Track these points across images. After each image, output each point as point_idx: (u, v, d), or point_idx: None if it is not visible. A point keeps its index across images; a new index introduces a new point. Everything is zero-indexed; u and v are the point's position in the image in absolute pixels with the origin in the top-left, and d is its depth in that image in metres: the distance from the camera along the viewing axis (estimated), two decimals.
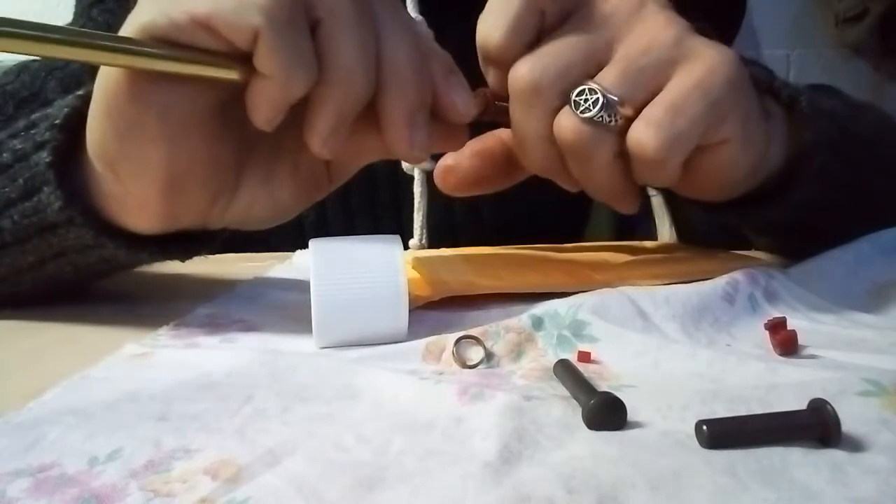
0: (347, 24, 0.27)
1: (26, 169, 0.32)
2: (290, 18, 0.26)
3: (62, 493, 0.18)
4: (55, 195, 0.31)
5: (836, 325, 0.32)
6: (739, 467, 0.19)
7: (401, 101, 0.29)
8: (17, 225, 0.33)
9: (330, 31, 0.27)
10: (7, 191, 0.33)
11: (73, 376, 0.26)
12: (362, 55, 0.28)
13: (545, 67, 0.31)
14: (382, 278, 0.29)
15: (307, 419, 0.23)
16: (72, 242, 0.33)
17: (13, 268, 0.36)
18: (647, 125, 0.30)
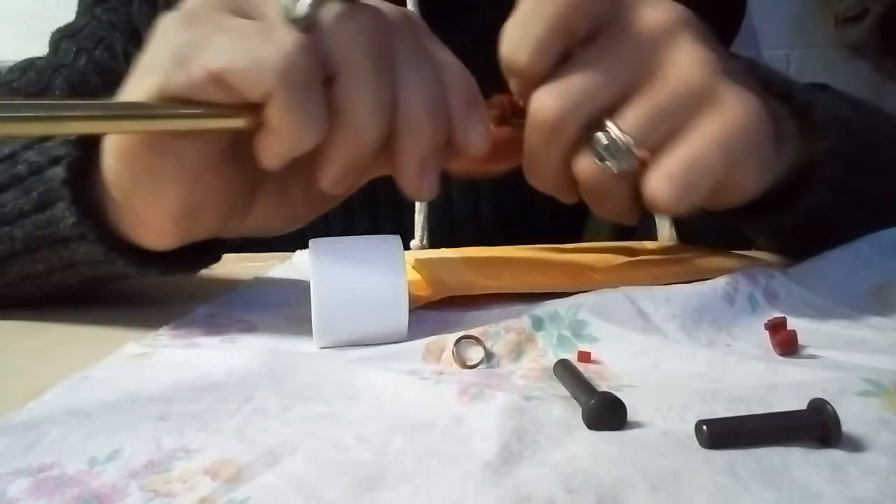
0: (363, 80, 0.27)
1: (41, 182, 0.33)
2: (304, 80, 0.26)
3: (62, 493, 0.18)
4: (69, 211, 0.31)
5: (836, 325, 0.32)
6: (739, 467, 0.19)
7: (414, 146, 0.29)
8: (29, 235, 0.34)
9: (345, 87, 0.27)
10: (21, 202, 0.33)
11: (73, 376, 0.26)
12: (376, 111, 0.27)
13: (569, 103, 0.30)
14: (382, 278, 0.29)
15: (307, 419, 0.23)
16: (82, 256, 0.33)
17: (21, 275, 0.36)
18: (662, 178, 0.30)
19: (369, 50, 0.27)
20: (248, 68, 0.25)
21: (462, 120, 0.30)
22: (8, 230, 0.34)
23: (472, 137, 0.30)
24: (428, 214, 0.53)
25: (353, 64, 0.27)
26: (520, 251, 0.46)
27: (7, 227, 0.34)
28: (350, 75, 0.27)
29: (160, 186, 0.29)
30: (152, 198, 0.30)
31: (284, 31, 0.26)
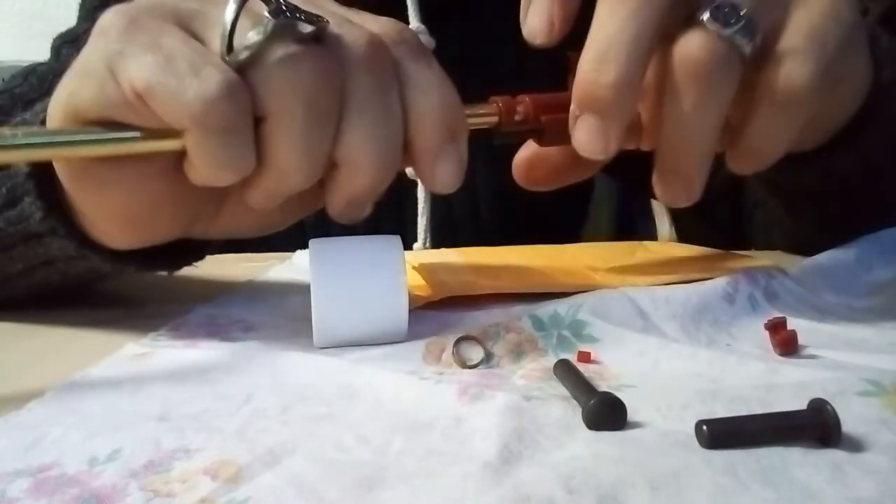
0: (290, 128, 0.25)
1: (8, 178, 0.32)
2: (222, 125, 0.25)
3: (62, 493, 0.18)
4: (35, 205, 0.30)
5: (836, 325, 0.32)
6: (739, 467, 0.19)
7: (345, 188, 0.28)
8: (3, 232, 0.33)
9: (271, 133, 0.26)
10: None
11: (73, 376, 0.26)
12: (301, 159, 0.26)
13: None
14: (382, 278, 0.29)
15: (307, 419, 0.23)
16: (56, 252, 0.33)
17: (2, 274, 0.35)
18: (795, 56, 0.27)
19: (303, 98, 0.25)
20: (166, 100, 0.24)
21: (427, 158, 0.28)
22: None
23: (438, 175, 0.28)
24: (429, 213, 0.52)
25: (282, 111, 0.25)
26: (520, 251, 0.46)
27: None
28: (277, 122, 0.25)
29: (103, 193, 0.28)
30: (97, 202, 0.29)
31: (214, 70, 0.24)
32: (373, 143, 0.27)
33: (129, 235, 0.30)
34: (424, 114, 0.27)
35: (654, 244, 0.49)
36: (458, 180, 0.29)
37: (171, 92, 0.24)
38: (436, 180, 0.29)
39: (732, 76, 0.27)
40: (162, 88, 0.24)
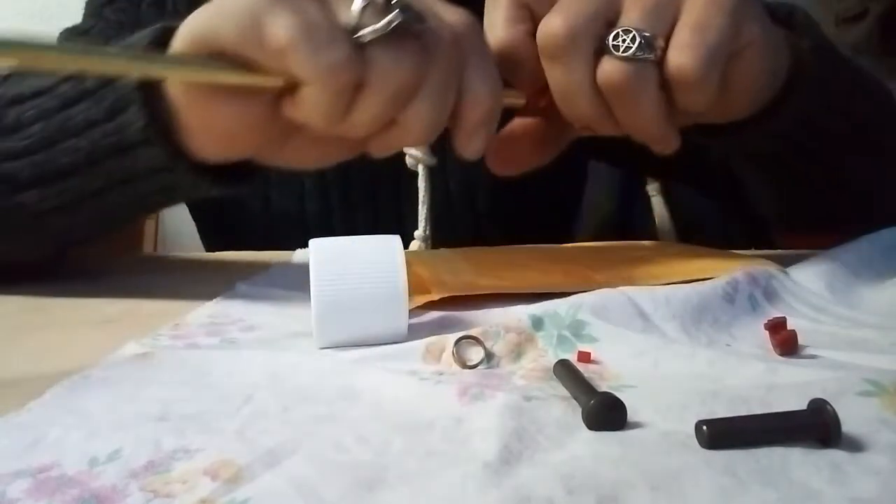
0: (379, 98, 0.31)
1: (112, 91, 0.35)
2: (339, 88, 0.30)
3: (62, 493, 0.18)
4: (140, 114, 0.34)
5: (836, 325, 0.32)
6: (739, 467, 0.19)
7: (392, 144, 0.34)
8: (95, 145, 0.36)
9: (361, 97, 0.31)
10: (91, 112, 0.36)
11: (73, 376, 0.26)
12: (376, 119, 0.32)
13: (575, 16, 0.34)
14: (382, 278, 0.29)
15: (307, 419, 0.23)
16: (143, 165, 0.36)
17: (76, 193, 0.38)
18: (682, 49, 0.33)
19: (396, 80, 0.31)
20: (303, 57, 0.30)
21: (467, 131, 0.34)
22: (74, 142, 0.36)
23: (471, 146, 0.35)
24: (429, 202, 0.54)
25: (378, 86, 0.31)
26: (520, 251, 0.46)
27: (73, 139, 0.36)
28: (370, 92, 0.31)
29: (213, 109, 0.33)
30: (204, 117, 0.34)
31: (344, 44, 0.30)
32: (429, 115, 0.33)
33: (218, 148, 0.35)
34: (476, 99, 0.34)
35: (654, 244, 0.49)
36: (483, 151, 0.35)
37: (309, 52, 0.30)
38: (468, 150, 0.35)
39: (648, 79, 0.34)
40: (302, 47, 0.30)
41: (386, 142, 0.34)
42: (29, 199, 0.38)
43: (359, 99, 0.31)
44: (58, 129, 0.36)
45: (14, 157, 0.37)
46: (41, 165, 0.37)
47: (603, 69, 0.34)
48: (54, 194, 0.38)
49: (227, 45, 0.31)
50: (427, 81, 0.32)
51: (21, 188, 0.37)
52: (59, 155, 0.36)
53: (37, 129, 0.37)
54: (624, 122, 0.36)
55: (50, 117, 0.37)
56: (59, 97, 0.36)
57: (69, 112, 0.36)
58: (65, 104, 0.36)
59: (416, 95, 0.32)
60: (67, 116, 0.36)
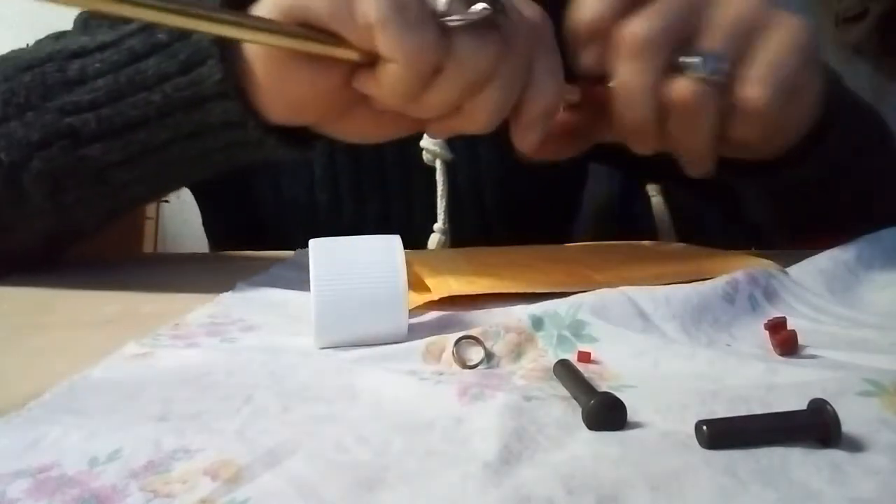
0: (455, 84, 0.33)
1: (188, 45, 0.36)
2: (422, 68, 0.32)
3: (62, 493, 0.18)
4: (217, 67, 0.35)
5: (836, 325, 0.32)
6: (739, 467, 0.19)
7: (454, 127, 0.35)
8: (168, 98, 0.36)
9: (439, 81, 0.33)
10: (164, 66, 0.36)
11: (73, 376, 0.26)
12: (445, 104, 0.33)
13: (657, 24, 0.35)
14: (382, 278, 0.29)
15: (307, 419, 0.23)
16: (214, 119, 0.36)
17: (142, 147, 0.38)
18: (757, 83, 0.35)
19: (474, 69, 0.33)
20: (392, 37, 0.31)
21: (526, 124, 0.36)
22: (144, 95, 0.36)
23: (527, 138, 0.36)
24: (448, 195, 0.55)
25: (456, 73, 0.32)
26: (520, 251, 0.46)
27: (144, 92, 0.36)
28: (447, 77, 0.33)
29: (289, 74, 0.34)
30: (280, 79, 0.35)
31: (432, 28, 0.32)
32: (496, 104, 0.34)
33: (286, 112, 0.36)
34: (540, 92, 0.35)
35: (654, 244, 0.49)
36: (536, 146, 0.36)
37: (398, 32, 0.31)
38: (525, 142, 0.36)
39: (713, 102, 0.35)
40: (392, 27, 0.31)
41: (447, 125, 0.35)
42: (92, 153, 0.38)
43: (435, 82, 0.33)
44: (127, 82, 0.36)
45: (78, 110, 0.37)
46: (108, 119, 0.37)
47: (676, 85, 0.35)
48: (119, 147, 0.38)
49: (317, 17, 0.32)
50: (500, 72, 0.33)
51: (85, 142, 0.38)
52: (127, 108, 0.37)
53: (103, 83, 0.37)
54: (676, 138, 0.37)
55: (118, 70, 0.37)
56: (127, 51, 0.37)
57: (139, 66, 0.36)
58: (135, 57, 0.36)
59: (488, 85, 0.33)
60: (137, 70, 0.36)
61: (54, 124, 0.37)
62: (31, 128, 0.38)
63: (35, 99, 0.38)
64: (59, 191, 0.39)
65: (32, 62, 0.39)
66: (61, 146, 0.38)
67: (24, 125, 0.38)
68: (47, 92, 0.38)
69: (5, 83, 0.39)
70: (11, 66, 0.39)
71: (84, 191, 0.40)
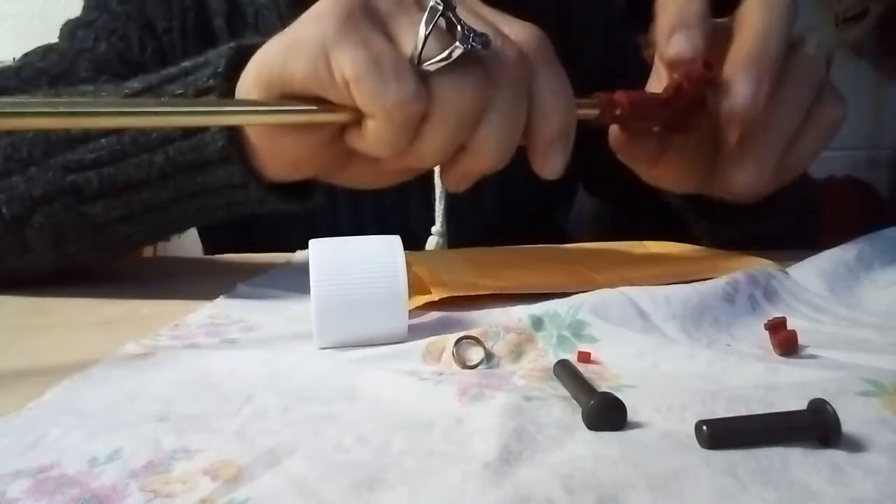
0: (444, 126, 0.32)
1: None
2: (404, 121, 0.31)
3: (62, 493, 0.18)
4: (220, 135, 0.35)
5: (836, 325, 0.32)
6: (739, 467, 0.19)
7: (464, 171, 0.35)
8: (170, 161, 0.37)
9: (427, 127, 0.32)
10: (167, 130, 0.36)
11: (73, 376, 0.26)
12: (443, 149, 0.33)
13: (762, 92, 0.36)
14: (382, 278, 0.29)
15: (307, 419, 0.23)
16: (216, 182, 0.37)
17: (143, 205, 0.38)
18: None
19: (462, 108, 0.32)
20: (369, 92, 0.30)
21: (542, 149, 0.34)
22: (147, 157, 0.37)
23: (549, 163, 0.34)
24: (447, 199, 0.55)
25: (442, 115, 0.32)
26: (520, 251, 0.46)
27: (147, 154, 0.37)
28: (435, 121, 0.32)
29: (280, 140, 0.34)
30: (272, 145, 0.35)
31: (410, 78, 0.30)
32: (500, 137, 0.33)
33: (285, 171, 0.37)
34: (547, 114, 0.34)
35: (654, 244, 0.49)
36: (563, 169, 0.35)
37: (375, 87, 0.30)
38: (546, 168, 0.35)
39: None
40: (367, 81, 0.30)
41: (458, 169, 0.34)
42: (94, 210, 0.38)
43: (423, 130, 0.32)
44: (131, 142, 0.37)
45: (81, 168, 0.38)
46: (110, 178, 0.37)
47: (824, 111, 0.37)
48: (121, 205, 0.38)
49: (297, 80, 0.32)
50: (492, 105, 0.32)
51: (88, 199, 0.38)
52: (130, 168, 0.37)
53: (106, 143, 0.37)
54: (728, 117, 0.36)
55: (122, 132, 0.37)
56: None
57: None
58: None
59: (482, 120, 0.32)
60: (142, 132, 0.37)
61: (57, 181, 0.38)
62: (33, 183, 0.38)
63: (38, 154, 0.38)
64: (60, 243, 0.40)
65: None
66: (64, 202, 0.38)
67: (26, 180, 0.38)
68: (50, 149, 0.38)
69: (6, 136, 0.39)
70: None
71: (87, 242, 0.40)
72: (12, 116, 0.28)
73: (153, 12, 0.60)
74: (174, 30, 0.60)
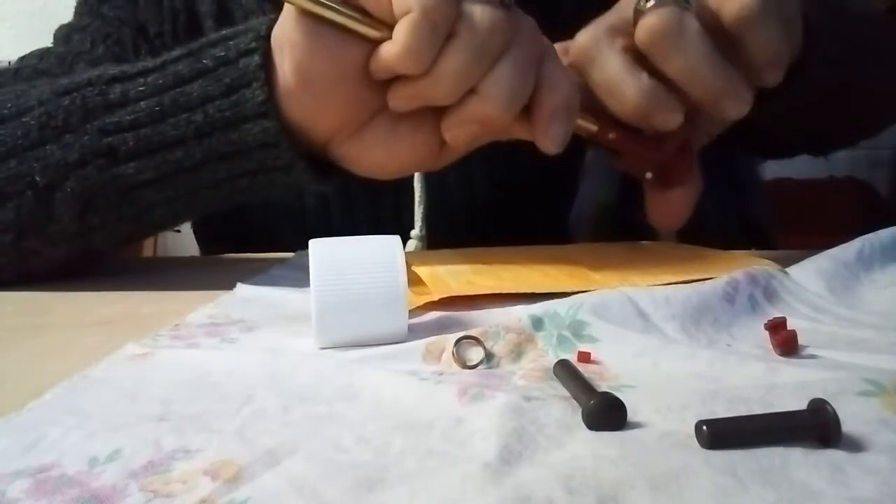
0: (467, 48, 0.33)
1: (234, 70, 0.37)
2: (435, 21, 0.32)
3: (62, 493, 0.18)
4: (262, 90, 0.37)
5: (836, 325, 0.32)
6: (739, 467, 0.19)
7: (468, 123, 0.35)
8: (208, 118, 0.38)
9: (450, 47, 0.33)
10: (210, 89, 0.38)
11: (73, 376, 0.26)
12: (461, 75, 0.34)
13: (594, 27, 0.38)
14: (382, 278, 0.29)
15: (307, 419, 0.23)
16: (250, 139, 0.38)
17: (174, 166, 0.39)
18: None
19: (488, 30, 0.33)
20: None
21: (547, 117, 0.35)
22: (187, 116, 0.38)
23: (550, 132, 0.36)
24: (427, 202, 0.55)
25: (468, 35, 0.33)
26: (520, 252, 0.46)
27: (186, 113, 0.38)
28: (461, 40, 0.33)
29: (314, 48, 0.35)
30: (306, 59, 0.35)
31: None
32: (512, 83, 0.34)
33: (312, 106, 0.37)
34: (553, 87, 0.35)
35: (654, 244, 0.49)
36: (564, 142, 0.36)
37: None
38: (547, 137, 0.36)
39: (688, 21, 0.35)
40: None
41: (464, 112, 0.35)
42: (126, 171, 0.39)
43: (447, 47, 0.33)
44: (171, 103, 0.38)
45: (119, 130, 0.38)
46: (147, 138, 0.38)
47: (638, 27, 0.36)
48: (153, 166, 0.39)
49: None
50: (511, 49, 0.34)
51: (121, 161, 0.39)
52: (167, 128, 0.38)
53: (146, 105, 0.38)
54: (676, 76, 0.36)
55: (162, 93, 0.38)
56: (172, 75, 0.38)
57: (185, 89, 0.38)
58: (180, 81, 0.38)
59: (499, 60, 0.34)
60: (182, 93, 0.38)
61: (93, 144, 0.38)
62: (69, 149, 0.39)
63: (75, 122, 0.39)
64: (87, 211, 0.40)
65: (70, 87, 0.40)
66: (98, 165, 0.39)
67: (61, 147, 0.39)
68: (87, 114, 0.39)
69: (40, 107, 0.39)
70: (46, 92, 0.40)
71: (111, 212, 0.41)
72: None
73: (145, 16, 0.61)
74: (166, 33, 0.61)
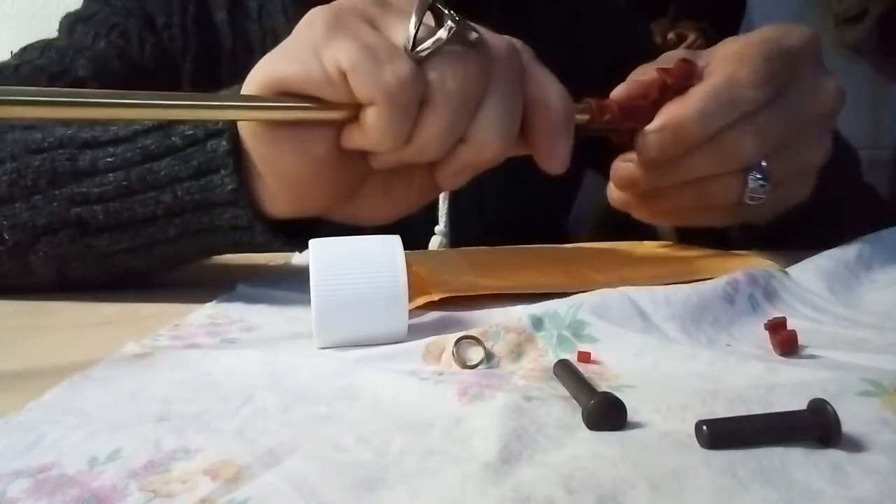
0: (446, 110, 0.31)
1: (202, 152, 0.36)
2: (403, 104, 0.31)
3: (62, 493, 0.18)
4: (231, 178, 0.35)
5: (836, 325, 0.32)
6: (739, 467, 0.19)
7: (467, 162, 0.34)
8: (178, 200, 0.36)
9: (427, 113, 0.31)
10: (177, 169, 0.36)
11: (73, 376, 0.26)
12: (445, 135, 0.32)
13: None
14: (382, 278, 0.29)
15: (307, 419, 0.23)
16: (223, 222, 0.37)
17: (149, 240, 0.38)
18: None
19: (462, 88, 0.31)
20: (365, 77, 0.30)
21: (547, 140, 0.34)
22: (155, 194, 0.36)
23: (555, 154, 0.34)
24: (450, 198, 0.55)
25: (443, 97, 0.31)
26: (520, 251, 0.46)
27: (154, 191, 0.36)
28: (436, 105, 0.31)
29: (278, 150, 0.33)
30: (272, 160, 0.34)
31: (405, 59, 0.31)
32: (499, 123, 0.32)
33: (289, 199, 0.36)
34: (546, 103, 0.34)
35: (654, 244, 0.49)
36: (569, 160, 0.35)
37: (371, 71, 0.30)
38: (552, 160, 0.34)
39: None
40: (363, 67, 0.30)
41: (458, 162, 0.33)
42: (99, 242, 0.38)
43: (424, 116, 0.31)
44: (138, 179, 0.36)
45: (87, 201, 0.37)
46: (116, 213, 0.37)
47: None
48: (126, 240, 0.38)
49: (292, 83, 0.31)
50: (491, 89, 0.32)
51: (92, 233, 0.38)
52: (136, 205, 0.37)
53: (113, 178, 0.37)
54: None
55: (129, 168, 0.37)
56: (140, 150, 0.37)
57: (152, 165, 0.36)
58: (148, 157, 0.36)
59: (482, 105, 0.32)
60: (150, 170, 0.36)
61: (61, 213, 0.37)
62: (37, 212, 0.38)
63: (43, 184, 0.38)
64: (65, 270, 0.40)
65: (41, 146, 0.38)
66: (68, 233, 0.38)
67: (30, 208, 0.38)
68: (56, 179, 0.38)
69: (12, 162, 0.38)
70: (20, 146, 0.39)
71: (90, 270, 0.40)
72: (9, 105, 0.28)
73: (153, 7, 0.60)
74: (174, 25, 0.60)
